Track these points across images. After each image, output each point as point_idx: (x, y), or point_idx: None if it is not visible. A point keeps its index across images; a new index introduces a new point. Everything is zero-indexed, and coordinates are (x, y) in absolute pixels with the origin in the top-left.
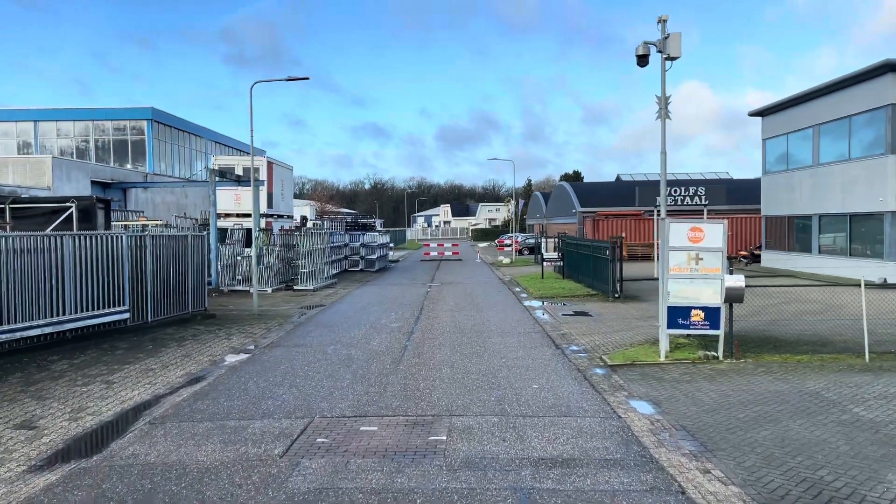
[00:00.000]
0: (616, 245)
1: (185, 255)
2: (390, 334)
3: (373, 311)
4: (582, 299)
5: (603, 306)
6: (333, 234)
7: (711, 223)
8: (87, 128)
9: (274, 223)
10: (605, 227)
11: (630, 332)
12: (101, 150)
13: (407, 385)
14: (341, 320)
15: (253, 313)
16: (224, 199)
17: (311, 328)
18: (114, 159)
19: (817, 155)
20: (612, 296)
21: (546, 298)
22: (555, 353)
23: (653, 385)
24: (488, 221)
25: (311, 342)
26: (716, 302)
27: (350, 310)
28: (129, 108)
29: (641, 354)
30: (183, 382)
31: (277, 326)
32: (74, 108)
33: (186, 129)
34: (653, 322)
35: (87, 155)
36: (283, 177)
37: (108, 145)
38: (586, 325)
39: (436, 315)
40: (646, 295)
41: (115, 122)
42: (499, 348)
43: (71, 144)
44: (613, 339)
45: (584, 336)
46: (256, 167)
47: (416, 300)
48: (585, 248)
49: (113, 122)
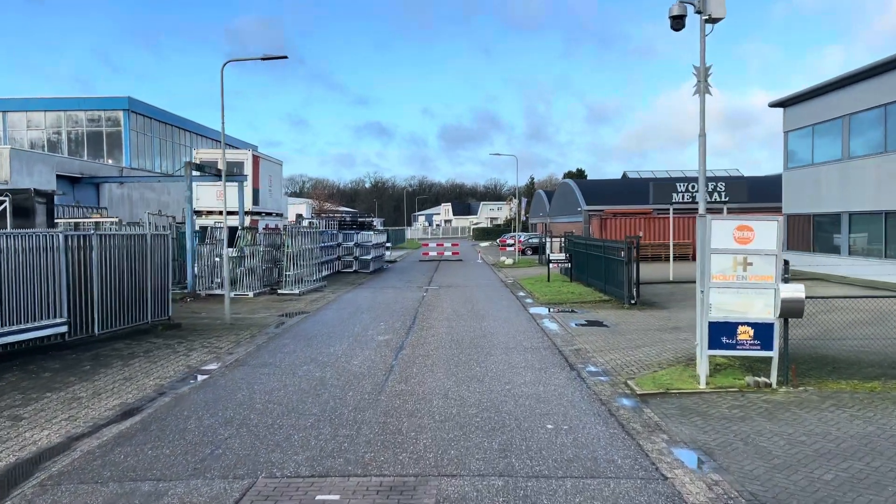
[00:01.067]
0: (632, 245)
1: (143, 256)
2: (376, 350)
3: (360, 320)
4: (594, 306)
5: (618, 314)
6: (324, 232)
7: (764, 220)
8: (59, 119)
9: (261, 221)
10: (612, 226)
11: (655, 347)
12: (73, 142)
13: (387, 425)
14: (323, 331)
15: (225, 322)
16: (206, 196)
17: (287, 341)
18: (88, 153)
19: (847, 148)
20: (627, 302)
21: (554, 304)
22: (570, 376)
23: (698, 424)
24: (490, 220)
25: (281, 360)
26: (768, 317)
27: (335, 318)
28: (104, 97)
29: (675, 379)
30: (111, 417)
31: (249, 339)
32: (46, 97)
33: (168, 121)
34: (679, 335)
35: (59, 148)
36: (272, 172)
37: (82, 137)
38: (602, 337)
39: (430, 325)
40: (664, 301)
41: (88, 112)
42: (502, 369)
43: (42, 136)
44: (637, 357)
45: (602, 353)
46: (241, 161)
47: (410, 306)
48: (596, 249)
49: (87, 113)
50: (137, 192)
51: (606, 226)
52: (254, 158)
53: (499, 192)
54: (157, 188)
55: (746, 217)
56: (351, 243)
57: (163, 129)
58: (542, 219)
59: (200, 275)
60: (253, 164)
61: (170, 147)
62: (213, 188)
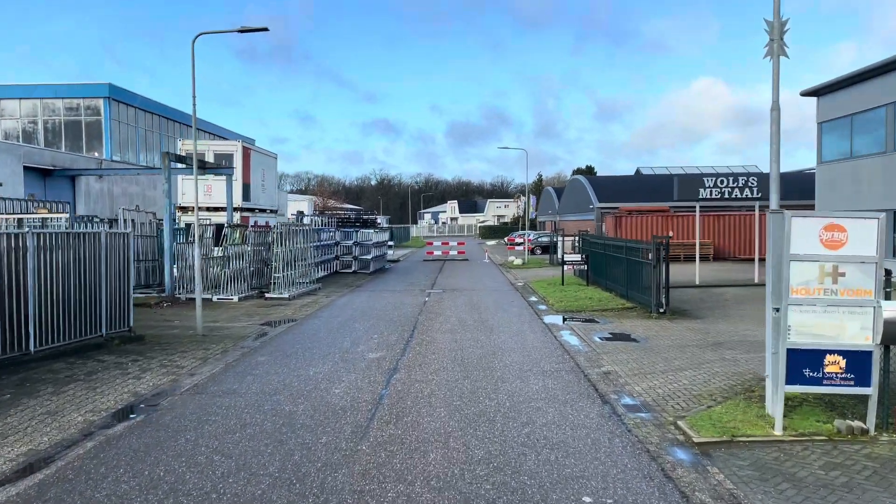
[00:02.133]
0: (662, 246)
1: (96, 259)
2: (364, 373)
3: (351, 331)
4: (617, 314)
5: (647, 326)
6: (321, 230)
7: (859, 218)
8: (34, 107)
9: (252, 218)
10: (628, 224)
11: (700, 370)
12: (50, 132)
13: (363, 498)
14: (306, 346)
15: (197, 334)
16: (192, 191)
17: (263, 359)
18: (66, 144)
19: (892, 139)
20: (655, 310)
21: (571, 312)
22: (602, 412)
23: (790, 498)
24: (497, 218)
25: (248, 387)
26: (865, 343)
27: (323, 328)
28: (82, 83)
29: (739, 419)
30: (6, 474)
31: (219, 355)
32: (21, 84)
33: (154, 111)
34: (723, 353)
35: (35, 138)
36: (265, 166)
37: (59, 127)
38: (634, 356)
39: (432, 338)
40: (695, 309)
41: (66, 100)
42: (518, 402)
43: (17, 126)
44: (681, 385)
45: (636, 377)
46: (229, 153)
47: (410, 314)
48: (616, 250)
49: (64, 101)
50: (119, 186)
51: (622, 224)
52: (244, 150)
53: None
54: (143, 182)
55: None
56: (350, 242)
57: (148, 119)
58: (551, 217)
59: (182, 277)
60: (243, 157)
61: (157, 139)
62: (200, 182)
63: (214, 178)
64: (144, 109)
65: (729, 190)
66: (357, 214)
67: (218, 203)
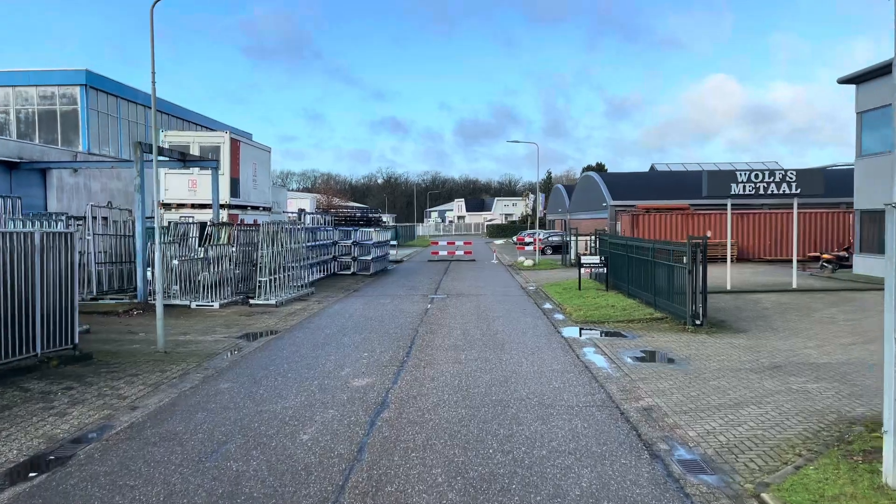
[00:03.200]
0: (699, 248)
1: (27, 263)
2: (344, 409)
3: (339, 348)
4: (645, 326)
5: (684, 341)
6: (317, 229)
7: None
8: (6, 96)
9: (243, 216)
10: (646, 223)
11: (765, 405)
12: (23, 123)
13: None
14: (281, 368)
15: (158, 350)
16: (176, 186)
17: (225, 386)
18: (40, 135)
19: None
20: (691, 322)
21: (593, 324)
22: (654, 475)
23: None
24: (504, 217)
25: (194, 430)
26: None
27: (307, 344)
28: (57, 70)
29: (849, 492)
30: None
31: (176, 379)
32: None
33: (137, 100)
34: (787, 381)
35: (7, 129)
36: (257, 159)
37: (33, 117)
38: (678, 384)
39: (431, 359)
40: (734, 319)
41: (40, 88)
42: (540, 459)
43: None
44: (748, 428)
45: (688, 417)
46: (216, 145)
47: (409, 325)
48: (641, 251)
49: (38, 89)
50: (98, 181)
51: (639, 223)
52: (232, 142)
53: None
54: (126, 177)
55: None
56: (349, 242)
57: (132, 110)
58: (561, 215)
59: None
60: (231, 150)
61: (142, 131)
62: (184, 177)
63: (200, 172)
64: (127, 99)
65: (764, 185)
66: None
67: (203, 199)
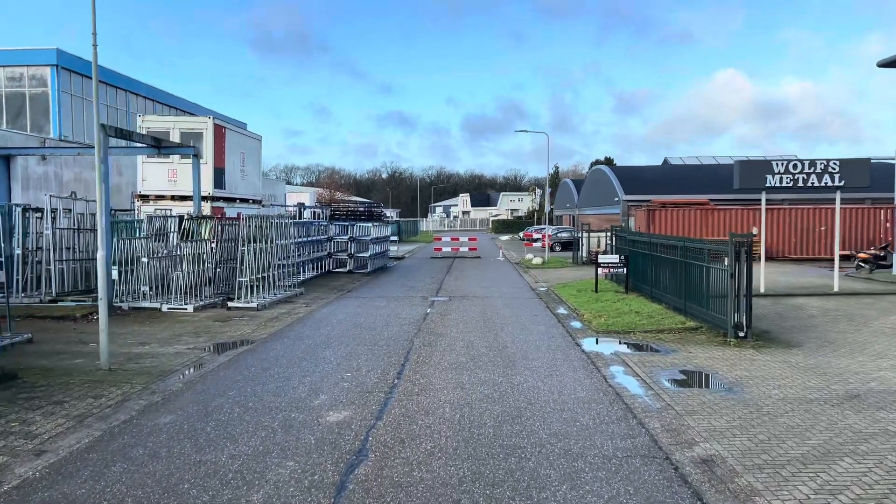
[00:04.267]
0: (744, 248)
1: None
2: (307, 461)
3: (317, 365)
4: (678, 338)
5: (729, 358)
6: (311, 224)
7: None
8: None
9: (229, 209)
10: (663, 219)
11: (866, 458)
12: None
13: None
14: (242, 394)
15: (102, 367)
16: (155, 176)
17: (166, 421)
18: (7, 120)
19: None
20: (733, 334)
21: (617, 334)
22: None
23: None
24: (510, 212)
25: (98, 495)
26: None
27: (282, 359)
28: (26, 49)
29: None
30: None
31: (109, 409)
32: None
33: (116, 84)
34: (877, 419)
35: None
36: (245, 148)
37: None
38: (737, 420)
39: (427, 382)
40: (781, 329)
41: (7, 69)
42: None
43: None
44: (854, 497)
45: (765, 476)
46: (198, 131)
47: (404, 335)
48: (668, 250)
49: (5, 70)
50: (71, 170)
51: (655, 218)
52: (216, 129)
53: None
54: None
55: None
56: (345, 238)
57: (111, 94)
58: (569, 210)
59: (131, 280)
60: (215, 136)
61: (122, 117)
62: (163, 166)
63: (181, 160)
64: (105, 82)
65: (804, 177)
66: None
67: (184, 191)
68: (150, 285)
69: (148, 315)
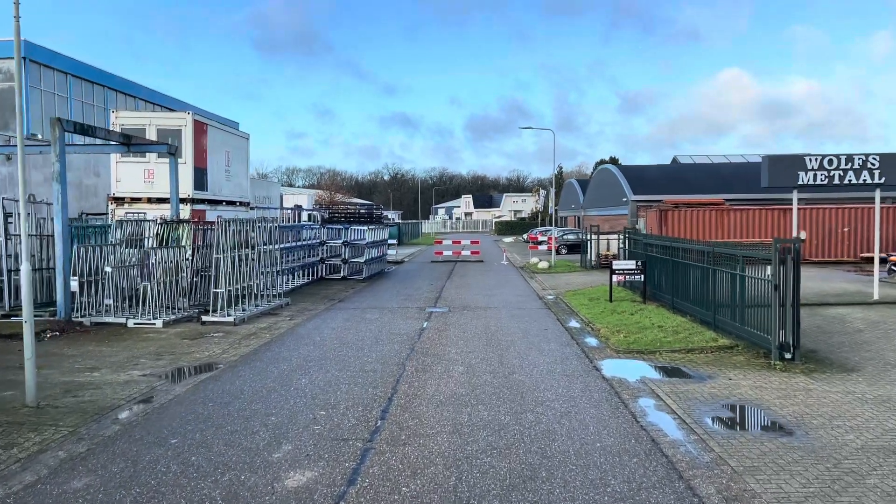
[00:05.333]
0: (790, 254)
1: None
2: None
3: (287, 400)
4: (713, 359)
5: (779, 387)
6: (302, 227)
7: None
8: None
9: (212, 213)
10: (676, 220)
11: None
12: None
13: None
14: (187, 444)
15: (26, 406)
16: (129, 177)
17: (79, 486)
18: None
19: None
20: (777, 355)
21: (640, 354)
22: None
23: None
24: (513, 214)
25: None
26: None
27: (247, 391)
28: None
29: None
30: None
31: (16, 466)
32: None
33: (88, 77)
34: None
35: None
36: (230, 147)
37: None
38: (815, 485)
39: (418, 424)
40: (830, 347)
41: None
42: None
43: None
44: None
45: None
46: (176, 128)
47: (395, 357)
48: (693, 256)
49: None
50: (40, 171)
51: (667, 220)
52: (196, 125)
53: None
54: (78, 166)
55: None
56: (338, 242)
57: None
58: (574, 211)
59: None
60: (195, 133)
61: (98, 114)
62: (139, 166)
63: (158, 160)
64: (77, 76)
65: (840, 174)
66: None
67: (162, 193)
68: (114, 298)
69: (111, 332)
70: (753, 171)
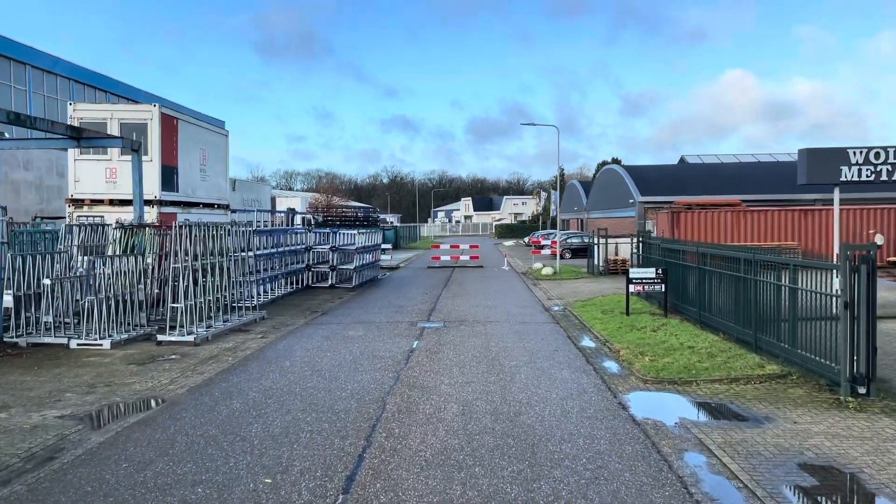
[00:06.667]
0: (865, 263)
1: None
2: None
3: (227, 460)
4: (765, 393)
5: (860, 433)
6: (284, 231)
7: None
8: None
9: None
10: (690, 222)
11: None
12: None
13: None
14: None
15: None
16: (90, 176)
17: None
18: None
19: None
20: (848, 389)
21: (671, 385)
22: None
23: None
24: (514, 216)
25: None
26: None
27: (179, 443)
28: None
29: None
30: None
31: None
32: None
33: (50, 69)
34: None
35: None
36: (205, 143)
37: None
38: None
39: (393, 499)
40: None
41: None
42: None
43: None
44: None
45: None
46: (141, 122)
47: (375, 390)
48: (726, 263)
49: None
50: None
51: (680, 222)
52: (164, 119)
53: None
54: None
55: None
56: (326, 247)
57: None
58: (578, 214)
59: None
60: (163, 128)
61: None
62: (101, 164)
63: (121, 157)
64: (39, 67)
65: (888, 169)
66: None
67: (126, 194)
68: (56, 314)
69: (47, 355)
70: (765, 170)
